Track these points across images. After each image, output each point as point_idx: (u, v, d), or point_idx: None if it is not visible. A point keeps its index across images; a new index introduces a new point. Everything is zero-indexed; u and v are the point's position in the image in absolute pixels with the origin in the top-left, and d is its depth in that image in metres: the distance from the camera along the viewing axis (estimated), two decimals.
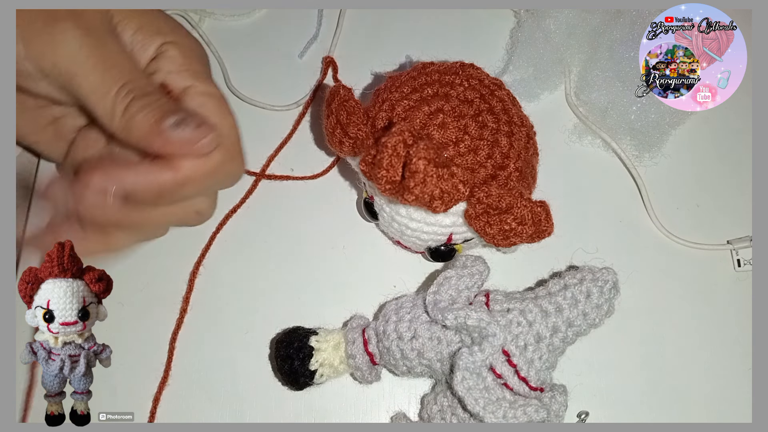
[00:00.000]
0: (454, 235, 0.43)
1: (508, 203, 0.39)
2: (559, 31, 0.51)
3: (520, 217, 0.39)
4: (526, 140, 0.43)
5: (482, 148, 0.41)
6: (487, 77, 0.44)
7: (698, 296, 0.48)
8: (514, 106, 0.44)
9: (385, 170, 0.37)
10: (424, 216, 0.41)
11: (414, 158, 0.36)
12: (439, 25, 0.55)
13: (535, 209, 0.39)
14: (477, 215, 0.39)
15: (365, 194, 0.46)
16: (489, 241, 0.40)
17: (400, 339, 0.42)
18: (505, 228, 0.39)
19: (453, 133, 0.41)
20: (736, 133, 0.52)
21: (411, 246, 0.46)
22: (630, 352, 0.47)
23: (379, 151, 0.38)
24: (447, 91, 0.42)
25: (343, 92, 0.41)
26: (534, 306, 0.41)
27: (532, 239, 0.40)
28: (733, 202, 0.50)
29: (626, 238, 0.49)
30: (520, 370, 0.41)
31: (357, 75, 0.53)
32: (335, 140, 0.42)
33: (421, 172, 0.36)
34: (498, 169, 0.41)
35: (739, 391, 0.46)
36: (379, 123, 0.42)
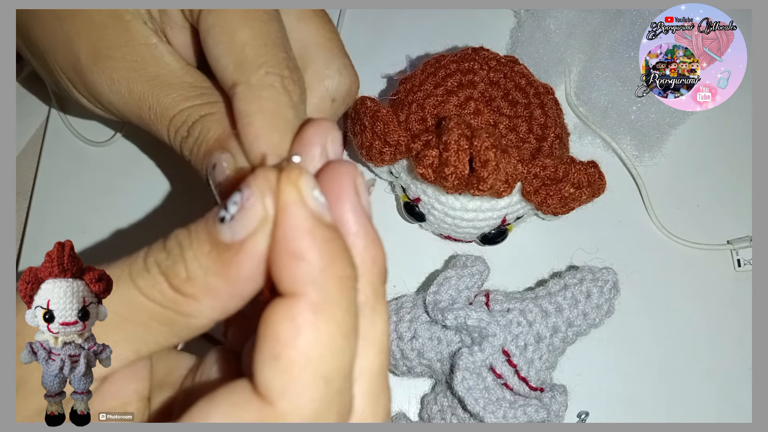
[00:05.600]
0: (507, 216, 0.43)
1: (563, 171, 0.40)
2: (560, 30, 0.51)
3: (577, 182, 0.40)
4: (555, 106, 0.44)
5: (520, 125, 0.42)
6: (500, 56, 0.45)
7: (698, 296, 0.48)
8: (533, 77, 0.45)
9: (453, 167, 0.37)
10: (479, 204, 0.42)
11: (481, 149, 0.37)
12: (440, 25, 0.55)
13: (589, 170, 0.40)
14: (536, 190, 0.40)
15: (405, 198, 0.45)
16: (547, 212, 0.41)
17: (400, 339, 0.42)
18: (564, 195, 0.40)
19: (489, 116, 0.42)
20: (737, 133, 0.52)
21: (464, 237, 0.46)
22: (630, 352, 0.47)
23: (443, 150, 0.38)
24: (471, 78, 0.43)
25: (371, 104, 0.42)
26: (534, 306, 0.41)
27: (589, 199, 0.41)
28: (734, 202, 0.50)
29: (626, 238, 0.49)
30: (520, 370, 0.41)
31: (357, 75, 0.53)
32: (374, 152, 0.42)
33: (492, 160, 0.37)
34: (540, 141, 0.42)
35: (739, 391, 0.46)
36: (413, 126, 0.42)
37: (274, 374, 0.22)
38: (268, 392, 0.22)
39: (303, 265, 0.23)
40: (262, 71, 0.31)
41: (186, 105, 0.36)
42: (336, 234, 0.24)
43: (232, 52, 0.32)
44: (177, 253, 0.25)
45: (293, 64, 0.33)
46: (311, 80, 0.35)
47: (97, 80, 0.36)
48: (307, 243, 0.23)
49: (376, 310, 0.25)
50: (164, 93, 0.36)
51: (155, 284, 0.24)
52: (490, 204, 0.42)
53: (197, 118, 0.35)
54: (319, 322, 0.22)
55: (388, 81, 0.53)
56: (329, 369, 0.23)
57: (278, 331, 0.22)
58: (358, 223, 0.25)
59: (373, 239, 0.26)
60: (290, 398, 0.22)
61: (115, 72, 0.36)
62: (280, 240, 0.23)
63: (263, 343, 0.23)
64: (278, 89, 0.31)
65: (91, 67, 0.36)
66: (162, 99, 0.36)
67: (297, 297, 0.23)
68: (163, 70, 0.36)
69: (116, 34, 0.35)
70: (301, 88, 0.32)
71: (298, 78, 0.32)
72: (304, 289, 0.23)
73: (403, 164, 0.44)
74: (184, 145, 0.35)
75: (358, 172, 0.26)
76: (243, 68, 0.32)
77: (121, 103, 0.37)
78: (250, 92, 0.31)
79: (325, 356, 0.23)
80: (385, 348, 0.25)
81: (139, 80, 0.36)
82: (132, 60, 0.36)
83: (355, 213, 0.25)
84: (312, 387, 0.22)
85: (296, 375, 0.22)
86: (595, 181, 0.41)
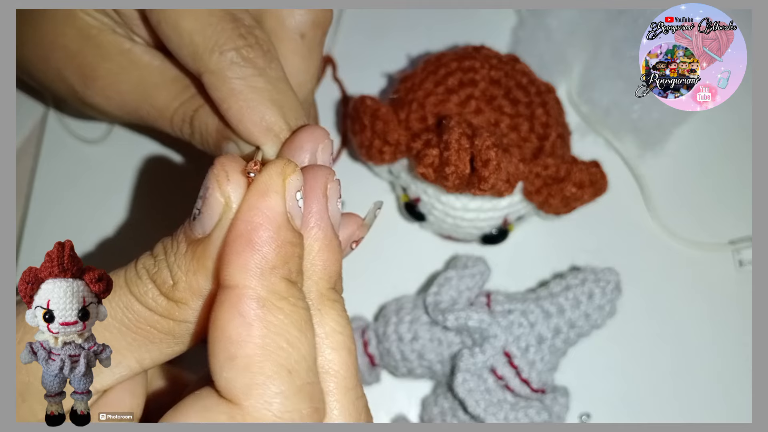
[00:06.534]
0: (509, 215, 0.43)
1: (565, 170, 0.39)
2: (561, 29, 0.51)
3: (579, 181, 0.40)
4: (557, 105, 0.44)
5: (522, 124, 0.42)
6: (501, 54, 0.45)
7: (700, 296, 0.48)
8: (535, 75, 0.45)
9: (454, 166, 0.37)
10: (480, 204, 0.42)
11: (483, 148, 0.36)
12: (440, 24, 0.55)
13: (591, 170, 0.40)
14: (537, 189, 0.40)
15: (405, 198, 0.45)
16: (549, 211, 0.41)
17: (400, 340, 0.42)
18: (566, 195, 0.40)
19: (490, 115, 0.42)
20: (740, 133, 0.52)
21: (465, 237, 0.46)
22: (631, 353, 0.46)
23: (444, 149, 0.38)
24: (472, 77, 0.43)
25: (371, 102, 0.41)
26: (536, 307, 0.41)
27: (591, 199, 0.41)
28: (736, 202, 0.50)
29: (628, 238, 0.49)
30: (521, 372, 0.40)
31: (357, 75, 0.53)
32: (374, 151, 0.42)
33: (494, 159, 0.36)
34: (542, 140, 0.42)
35: (739, 391, 0.46)
36: (414, 125, 0.42)
37: (234, 375, 0.22)
38: (232, 394, 0.22)
39: (256, 257, 0.22)
40: (216, 54, 0.31)
41: (177, 103, 0.36)
42: (298, 242, 0.24)
43: (183, 44, 0.32)
44: (162, 259, 0.25)
45: (245, 27, 0.32)
46: (275, 26, 0.35)
47: (94, 101, 0.38)
48: (268, 236, 0.23)
49: (323, 312, 0.25)
50: (154, 95, 0.37)
51: (147, 291, 0.25)
52: (492, 204, 0.42)
53: (192, 113, 0.35)
54: (268, 316, 0.22)
55: (389, 79, 0.53)
56: (290, 360, 0.22)
57: (229, 330, 0.22)
58: (318, 226, 0.25)
59: (329, 244, 0.26)
60: (256, 395, 0.22)
61: (105, 90, 0.37)
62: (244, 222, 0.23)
63: (216, 346, 0.22)
64: (239, 64, 0.31)
65: (85, 92, 0.38)
66: (154, 102, 0.37)
67: (242, 291, 0.22)
68: (145, 72, 0.37)
69: (92, 54, 0.36)
70: (262, 47, 0.32)
71: (256, 38, 0.32)
72: (249, 282, 0.22)
73: (403, 164, 0.44)
74: (194, 141, 0.36)
75: (332, 177, 0.26)
76: (198, 57, 0.31)
77: (122, 113, 0.38)
78: (215, 78, 0.31)
79: (283, 347, 0.22)
80: (341, 346, 0.25)
81: (128, 90, 0.37)
82: (115, 72, 0.37)
83: (317, 215, 0.25)
84: (276, 379, 0.22)
85: (257, 370, 0.22)
86: (597, 180, 0.41)
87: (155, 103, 0.37)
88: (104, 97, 0.38)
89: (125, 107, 0.38)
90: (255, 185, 0.23)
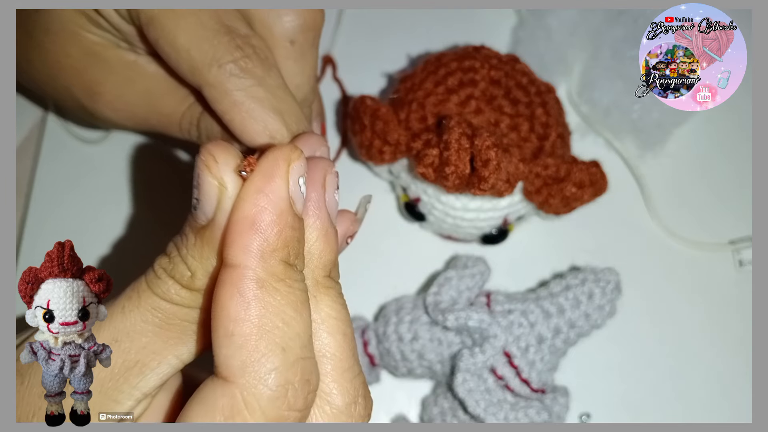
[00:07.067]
0: (509, 215, 0.43)
1: (565, 170, 0.39)
2: (561, 29, 0.51)
3: (579, 181, 0.40)
4: (557, 105, 0.44)
5: (522, 124, 0.42)
6: (501, 54, 0.45)
7: (700, 296, 0.48)
8: (535, 75, 0.45)
9: (454, 166, 0.37)
10: (480, 204, 0.42)
11: (483, 148, 0.36)
12: (440, 24, 0.55)
13: (591, 170, 0.40)
14: (537, 189, 0.40)
15: (405, 198, 0.45)
16: (549, 211, 0.41)
17: (400, 340, 0.42)
18: (566, 195, 0.40)
19: (490, 115, 0.42)
20: (740, 133, 0.52)
21: (465, 237, 0.46)
22: (631, 353, 0.46)
23: (444, 149, 0.38)
24: (472, 77, 0.43)
25: (371, 102, 0.41)
26: (536, 307, 0.41)
27: (591, 199, 0.41)
28: (736, 202, 0.50)
29: (628, 238, 0.49)
30: (521, 372, 0.40)
31: (357, 75, 0.53)
32: (374, 151, 0.42)
33: (494, 159, 0.36)
34: (542, 140, 0.42)
35: (739, 391, 0.46)
36: (414, 125, 0.42)
37: (232, 351, 0.23)
38: (229, 372, 0.23)
39: (258, 239, 0.23)
40: (215, 68, 0.32)
41: (184, 107, 0.37)
42: (299, 225, 0.24)
43: (181, 60, 0.32)
44: (175, 255, 0.26)
45: (241, 37, 0.32)
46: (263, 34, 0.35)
47: (103, 114, 0.39)
48: (270, 219, 0.23)
49: (318, 298, 0.26)
50: (161, 104, 0.38)
51: (169, 288, 0.25)
52: (492, 204, 0.42)
53: (198, 116, 0.36)
54: (266, 296, 0.23)
55: (389, 79, 0.53)
56: (284, 338, 0.23)
57: (228, 307, 0.23)
58: (315, 215, 0.26)
59: (326, 234, 0.26)
60: (251, 371, 0.23)
61: (113, 102, 0.38)
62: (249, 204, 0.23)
63: (217, 323, 0.23)
64: (238, 75, 0.32)
65: (93, 106, 0.38)
66: (162, 109, 0.37)
67: (243, 271, 0.23)
68: (151, 82, 0.37)
69: (98, 70, 0.37)
70: (259, 56, 0.32)
71: (253, 48, 0.32)
72: (250, 263, 0.23)
73: (403, 163, 0.44)
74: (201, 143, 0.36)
75: (331, 169, 0.27)
76: (197, 72, 0.32)
77: (132, 123, 0.39)
78: (215, 92, 0.32)
79: (278, 326, 0.23)
80: (336, 330, 0.26)
81: (136, 101, 0.38)
82: (122, 85, 0.37)
83: (315, 205, 0.26)
84: (270, 356, 0.23)
85: (252, 347, 0.23)
86: (597, 180, 0.41)
87: (163, 110, 0.38)
88: (113, 109, 0.39)
89: (134, 118, 0.39)
90: (261, 169, 0.24)
